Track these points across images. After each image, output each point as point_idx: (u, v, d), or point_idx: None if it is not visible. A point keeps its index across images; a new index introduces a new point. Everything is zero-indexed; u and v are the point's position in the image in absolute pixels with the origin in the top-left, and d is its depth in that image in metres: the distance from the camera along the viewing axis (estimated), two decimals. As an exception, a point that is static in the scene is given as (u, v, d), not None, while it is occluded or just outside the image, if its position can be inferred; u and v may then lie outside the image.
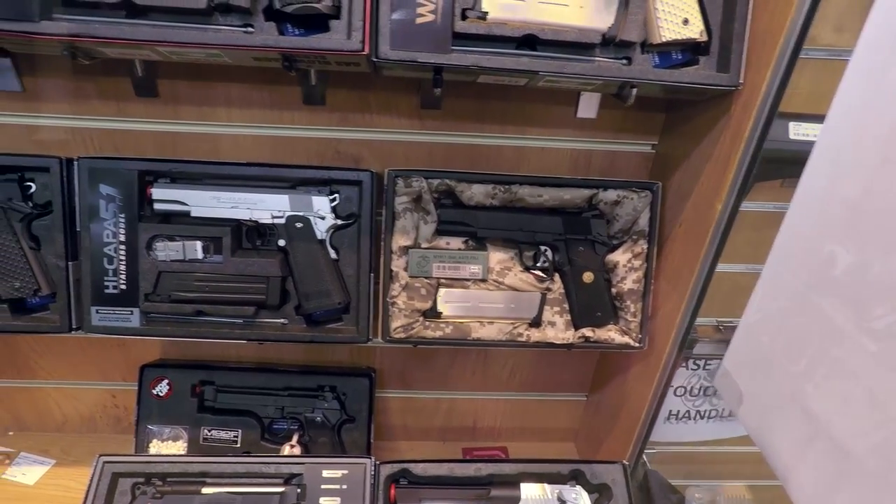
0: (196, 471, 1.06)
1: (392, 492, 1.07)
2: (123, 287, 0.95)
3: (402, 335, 0.97)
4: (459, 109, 0.98)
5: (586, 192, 0.96)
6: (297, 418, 1.20)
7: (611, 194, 0.96)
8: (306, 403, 1.21)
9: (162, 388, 1.20)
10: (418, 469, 1.09)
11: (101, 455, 1.05)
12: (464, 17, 0.72)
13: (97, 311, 0.95)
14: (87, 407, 1.37)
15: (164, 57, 0.77)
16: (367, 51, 0.70)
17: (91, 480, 1.03)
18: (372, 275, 0.96)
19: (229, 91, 0.95)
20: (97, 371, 1.30)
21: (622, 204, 0.97)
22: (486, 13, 0.71)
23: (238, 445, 1.20)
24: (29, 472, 1.31)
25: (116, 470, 1.04)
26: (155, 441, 1.20)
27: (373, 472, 1.06)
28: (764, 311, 0.71)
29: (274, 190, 0.96)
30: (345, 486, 1.05)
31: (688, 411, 1.37)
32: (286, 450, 1.18)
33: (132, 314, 0.96)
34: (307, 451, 1.19)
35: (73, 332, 0.96)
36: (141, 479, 1.05)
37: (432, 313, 0.98)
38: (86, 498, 1.01)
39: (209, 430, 1.20)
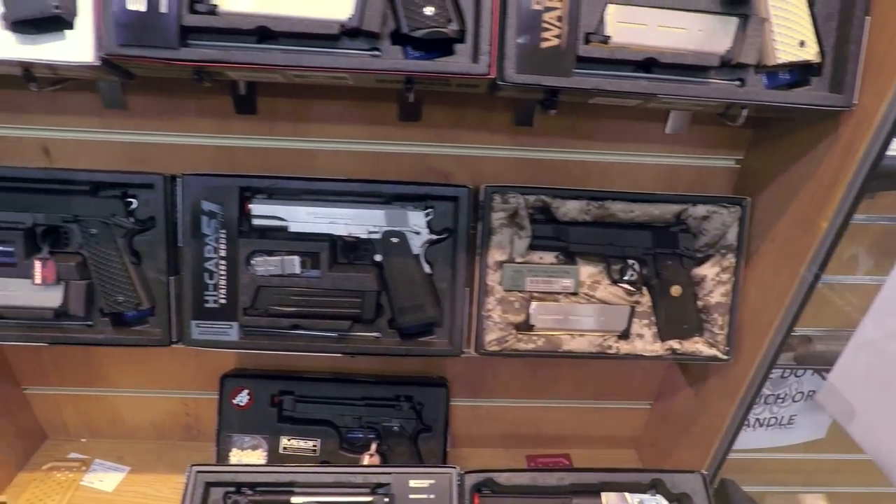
0: (284, 480, 1.07)
1: (476, 501, 1.08)
2: (223, 301, 0.96)
3: (496, 348, 0.99)
4: (551, 126, 0.99)
5: (676, 208, 0.98)
6: (375, 428, 1.22)
7: (700, 209, 0.98)
8: (383, 413, 1.22)
9: (242, 399, 1.21)
10: (502, 478, 1.11)
11: (193, 465, 1.07)
12: (586, 42, 0.74)
13: (197, 325, 0.97)
14: (159, 415, 1.39)
15: (287, 79, 0.79)
16: (493, 74, 0.72)
17: (186, 489, 1.05)
18: (467, 289, 0.98)
19: (326, 108, 0.97)
20: (172, 380, 1.32)
21: (711, 219, 0.98)
22: (609, 37, 0.73)
23: (317, 455, 1.22)
24: (106, 479, 1.33)
25: (209, 479, 1.06)
26: (235, 450, 1.22)
27: (458, 482, 1.08)
28: (886, 328, 0.72)
29: (370, 205, 0.97)
30: (432, 496, 1.07)
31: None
32: (365, 459, 1.20)
33: (231, 328, 0.97)
34: (385, 460, 1.21)
35: (172, 346, 0.98)
36: (231, 489, 1.07)
37: (525, 326, 1.00)
38: (181, 506, 1.03)
39: (289, 440, 1.22)
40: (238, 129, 0.99)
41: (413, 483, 1.08)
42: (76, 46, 0.71)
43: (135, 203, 0.96)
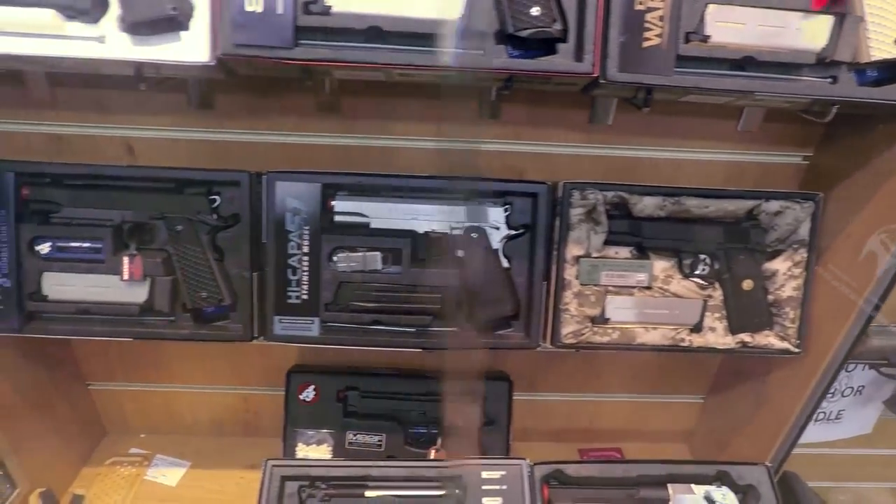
0: (358, 475, 1.09)
1: (545, 493, 1.10)
2: (305, 297, 0.98)
3: (573, 340, 1.01)
4: (627, 124, 1.01)
5: (749, 203, 1.00)
6: (439, 422, 1.24)
7: (773, 205, 0.99)
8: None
9: (309, 394, 1.23)
10: (570, 470, 1.13)
11: (268, 459, 1.08)
12: (686, 41, 0.75)
13: (279, 321, 0.98)
14: (219, 411, 1.40)
15: (388, 77, 0.80)
16: (596, 73, 0.74)
17: (262, 483, 1.06)
18: (545, 283, 1.00)
19: (409, 106, 0.99)
20: (234, 376, 1.34)
21: (783, 214, 1.00)
22: (709, 37, 0.74)
23: (382, 450, 1.23)
24: (168, 474, 1.35)
25: (284, 473, 1.08)
26: (301, 445, 1.24)
27: (529, 473, 1.10)
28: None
29: (451, 201, 0.99)
30: (504, 487, 1.09)
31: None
32: (432, 454, 1.22)
33: (312, 323, 0.99)
34: (449, 454, 1.22)
35: (253, 341, 1.00)
36: (306, 483, 1.09)
37: (600, 319, 1.02)
38: (259, 499, 1.04)
39: (354, 435, 1.23)
40: (319, 128, 1.00)
41: (485, 475, 1.10)
42: (191, 47, 0.73)
43: (218, 200, 0.98)
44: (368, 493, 1.08)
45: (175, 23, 0.72)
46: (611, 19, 0.73)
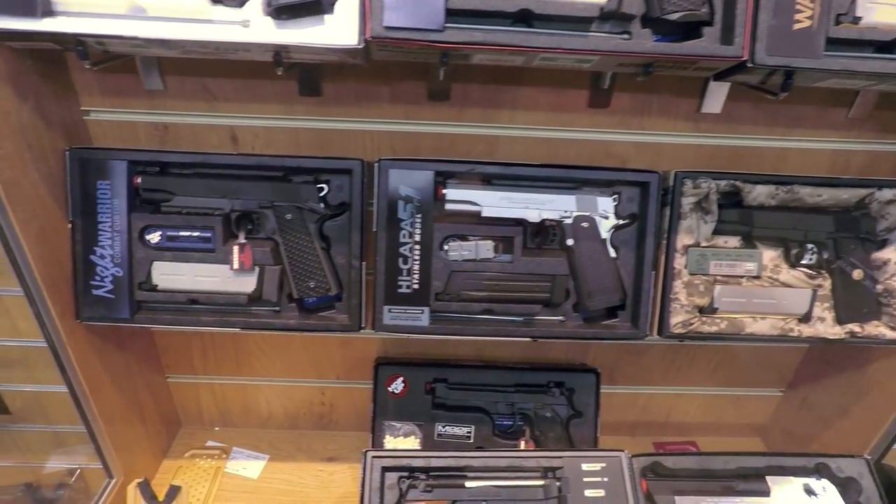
0: (458, 465, 1.08)
1: (644, 485, 1.09)
2: (416, 286, 0.97)
3: (681, 330, 1.00)
4: (737, 112, 1.00)
5: (862, 192, 0.98)
6: (527, 414, 1.23)
7: (886, 193, 0.98)
8: (535, 399, 1.23)
9: (397, 386, 1.22)
10: (668, 462, 1.12)
11: (367, 450, 1.07)
12: (836, 23, 0.74)
13: (389, 311, 0.98)
14: (295, 404, 1.40)
15: (526, 63, 0.79)
16: (746, 56, 0.73)
17: (364, 474, 1.05)
18: (653, 272, 0.99)
19: (517, 94, 0.98)
20: (313, 369, 1.33)
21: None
22: (860, 18, 0.73)
23: (471, 441, 1.23)
24: (249, 467, 1.34)
25: (384, 464, 1.07)
26: (388, 437, 1.23)
27: (629, 465, 1.09)
28: None
29: (561, 190, 0.98)
30: (605, 479, 1.08)
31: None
32: (521, 445, 1.21)
33: (422, 313, 0.98)
34: (538, 445, 1.22)
35: (361, 332, 0.99)
36: (405, 474, 1.08)
37: (709, 309, 1.01)
38: (362, 490, 1.04)
39: (443, 427, 1.23)
40: (425, 116, 0.99)
41: (585, 467, 1.09)
42: (337, 30, 0.72)
43: (326, 189, 0.98)
44: (468, 484, 1.07)
45: (319, 6, 0.71)
46: (761, 2, 0.72)
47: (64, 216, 0.93)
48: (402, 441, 1.23)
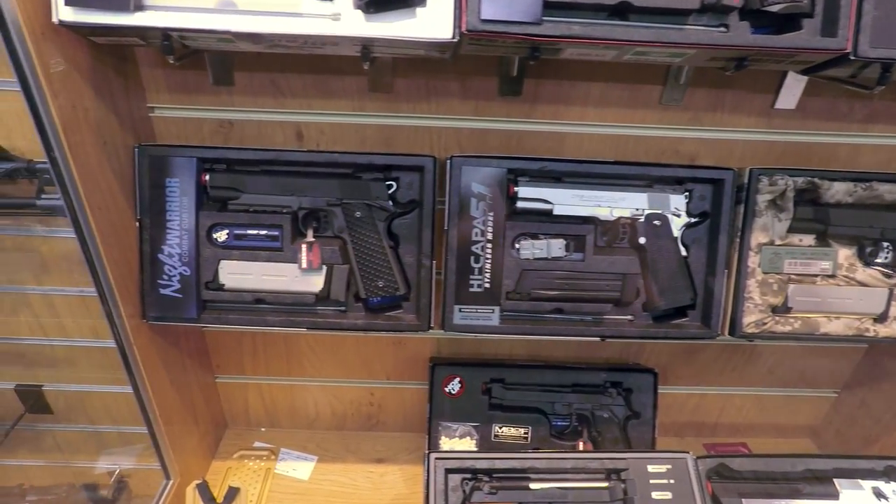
0: (522, 466, 1.07)
1: (709, 487, 1.08)
2: (487, 286, 0.96)
3: (754, 330, 0.98)
4: (811, 108, 0.98)
5: (942, 188, 0.97)
6: (584, 415, 1.21)
7: (964, 190, 0.97)
8: (592, 400, 1.22)
9: (454, 386, 1.21)
10: (735, 464, 1.10)
11: (430, 452, 1.06)
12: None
13: (460, 310, 0.96)
14: (343, 404, 1.38)
15: (616, 58, 0.78)
16: (849, 49, 0.71)
17: (428, 476, 1.04)
18: (726, 271, 0.97)
19: (589, 90, 0.96)
20: (363, 369, 1.32)
21: (973, 200, 0.97)
22: (964, 9, 0.72)
23: (528, 442, 1.21)
24: (298, 468, 1.33)
25: (448, 466, 1.06)
26: (444, 438, 1.22)
27: (695, 467, 1.07)
28: None
29: (633, 188, 0.97)
30: (672, 481, 1.06)
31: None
32: (580, 446, 1.20)
33: (493, 312, 0.97)
34: (596, 446, 1.20)
35: (430, 332, 0.98)
36: (468, 476, 1.07)
37: (783, 308, 0.99)
38: (427, 492, 1.02)
39: (500, 428, 1.21)
40: (494, 112, 0.98)
41: (651, 468, 1.07)
42: (430, 23, 0.71)
43: (395, 186, 0.96)
44: (533, 485, 1.06)
45: (411, 1, 0.70)
46: (866, -6, 0.70)
47: (132, 214, 0.92)
48: (458, 442, 1.22)
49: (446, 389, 1.21)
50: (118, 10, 0.67)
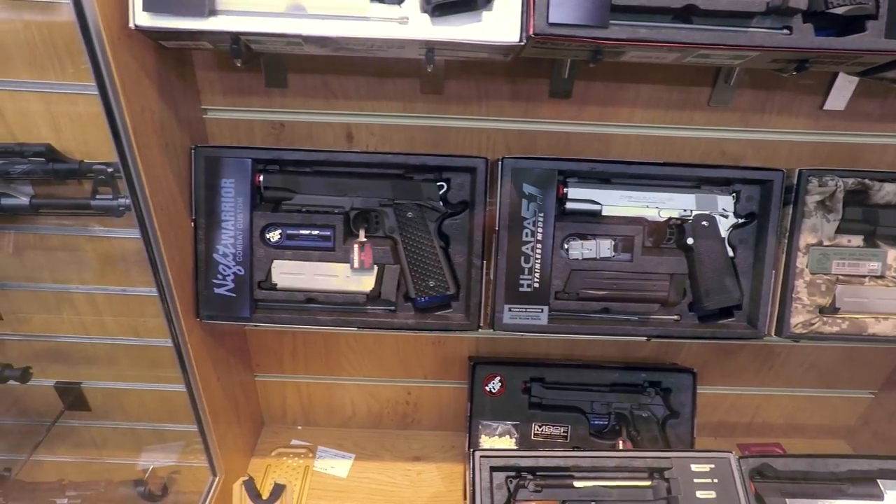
0: (566, 465, 1.08)
1: (752, 486, 1.08)
2: (536, 285, 0.97)
3: (802, 331, 0.99)
4: (859, 108, 0.98)
5: None
6: (623, 414, 1.22)
7: None
8: (630, 399, 1.23)
9: (494, 385, 1.22)
10: (778, 464, 1.11)
11: (474, 450, 1.07)
12: None
13: (509, 310, 0.97)
14: (380, 403, 1.40)
15: (678, 59, 0.78)
16: (912, 51, 0.72)
17: (473, 474, 1.05)
18: (773, 272, 0.98)
19: (639, 91, 0.97)
20: (401, 368, 1.33)
21: None
22: None
23: (568, 441, 1.22)
24: (337, 466, 1.34)
25: (493, 464, 1.07)
26: (484, 437, 1.23)
27: (738, 467, 1.08)
28: None
29: (680, 189, 0.97)
30: (715, 480, 1.07)
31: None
32: (620, 445, 1.20)
33: (542, 312, 0.98)
34: (635, 445, 1.21)
35: (479, 331, 0.99)
36: (512, 473, 1.08)
37: (830, 309, 0.99)
38: (473, 490, 1.03)
39: (539, 426, 1.22)
40: (543, 113, 0.99)
41: (694, 467, 1.08)
42: (497, 27, 0.72)
43: (445, 187, 0.97)
44: (577, 484, 1.07)
45: (478, 3, 0.71)
46: (932, -5, 0.70)
47: (188, 214, 0.93)
48: (498, 441, 1.23)
49: (487, 388, 1.22)
50: (193, 15, 0.69)
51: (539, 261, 0.96)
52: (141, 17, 0.69)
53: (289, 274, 0.97)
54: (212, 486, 1.12)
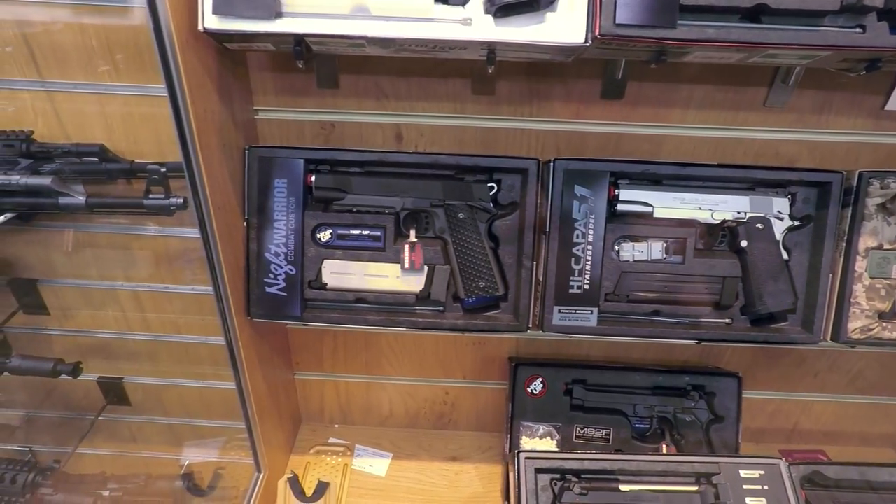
0: (612, 468, 1.07)
1: (802, 494, 1.06)
2: (586, 287, 0.96)
3: (860, 336, 0.97)
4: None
5: None
6: (666, 417, 1.21)
7: None
8: (674, 402, 1.21)
9: (536, 387, 1.21)
10: (830, 472, 1.08)
11: (519, 451, 1.07)
12: None
13: (559, 311, 0.97)
14: (417, 403, 1.40)
15: (744, 59, 0.77)
16: None
17: (518, 475, 1.05)
18: (830, 275, 0.96)
19: (692, 92, 0.96)
20: (440, 369, 1.33)
21: None
22: None
23: (609, 444, 1.21)
24: (374, 464, 1.35)
25: (537, 466, 1.07)
26: (525, 438, 1.22)
27: (788, 474, 1.06)
28: None
29: (734, 191, 0.96)
30: (766, 487, 1.05)
31: None
32: (663, 449, 1.19)
33: (591, 314, 0.97)
34: (679, 450, 1.19)
35: (528, 332, 0.99)
36: (557, 476, 1.07)
37: (890, 314, 0.97)
38: (518, 491, 1.03)
39: (581, 429, 1.21)
40: (594, 115, 0.98)
41: (744, 473, 1.06)
42: (561, 28, 0.71)
43: (496, 188, 0.97)
44: (623, 487, 1.06)
45: (541, 4, 0.71)
46: None
47: (241, 214, 0.94)
48: (539, 442, 1.22)
49: (528, 389, 1.22)
50: (261, 17, 0.69)
51: (589, 262, 0.95)
52: (210, 20, 0.70)
53: (339, 274, 0.98)
54: (256, 483, 1.13)
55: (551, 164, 0.92)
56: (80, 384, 1.40)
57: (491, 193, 0.96)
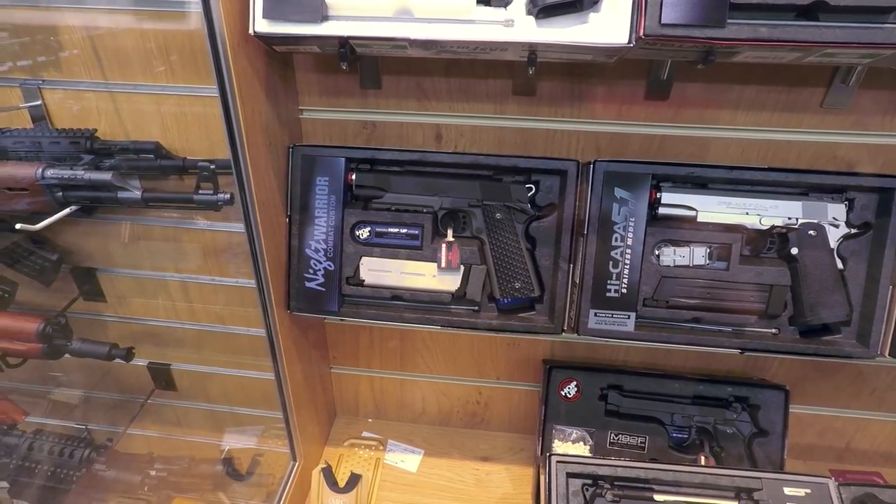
0: (647, 477, 1.04)
1: (852, 517, 1.01)
2: (624, 291, 0.94)
3: (921, 353, 0.91)
4: None
5: None
6: (706, 428, 1.17)
7: None
8: (714, 414, 1.17)
9: (570, 390, 1.20)
10: (885, 495, 1.02)
11: (551, 454, 1.06)
12: None
13: (595, 314, 0.95)
14: (450, 401, 1.41)
15: (799, 59, 0.74)
16: None
17: (549, 478, 1.04)
18: (891, 287, 0.90)
19: (742, 93, 0.92)
20: (474, 368, 1.33)
21: None
22: None
23: (645, 452, 1.18)
24: (406, 460, 1.37)
25: (569, 470, 1.05)
26: (557, 441, 1.21)
27: (838, 495, 1.01)
28: None
29: (785, 196, 0.92)
30: (812, 508, 1.01)
31: None
32: (702, 461, 1.16)
33: (628, 318, 0.95)
34: (718, 462, 1.16)
35: (563, 335, 0.98)
36: (589, 481, 1.06)
37: (953, 331, 0.91)
38: (549, 495, 1.02)
39: (616, 435, 1.19)
40: (637, 115, 0.96)
41: (788, 491, 1.02)
42: (605, 28, 0.70)
43: (533, 189, 0.96)
44: (657, 497, 1.03)
45: (584, 4, 0.70)
46: None
47: (283, 211, 0.98)
48: (572, 447, 1.21)
49: (562, 393, 1.20)
50: (309, 21, 0.72)
51: (628, 266, 0.93)
52: (260, 24, 0.73)
53: (376, 271, 1.00)
54: (292, 471, 1.17)
55: (591, 165, 0.91)
56: (132, 368, 1.48)
57: (529, 195, 0.96)
